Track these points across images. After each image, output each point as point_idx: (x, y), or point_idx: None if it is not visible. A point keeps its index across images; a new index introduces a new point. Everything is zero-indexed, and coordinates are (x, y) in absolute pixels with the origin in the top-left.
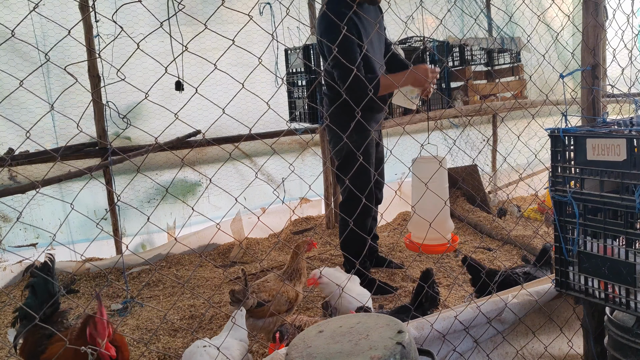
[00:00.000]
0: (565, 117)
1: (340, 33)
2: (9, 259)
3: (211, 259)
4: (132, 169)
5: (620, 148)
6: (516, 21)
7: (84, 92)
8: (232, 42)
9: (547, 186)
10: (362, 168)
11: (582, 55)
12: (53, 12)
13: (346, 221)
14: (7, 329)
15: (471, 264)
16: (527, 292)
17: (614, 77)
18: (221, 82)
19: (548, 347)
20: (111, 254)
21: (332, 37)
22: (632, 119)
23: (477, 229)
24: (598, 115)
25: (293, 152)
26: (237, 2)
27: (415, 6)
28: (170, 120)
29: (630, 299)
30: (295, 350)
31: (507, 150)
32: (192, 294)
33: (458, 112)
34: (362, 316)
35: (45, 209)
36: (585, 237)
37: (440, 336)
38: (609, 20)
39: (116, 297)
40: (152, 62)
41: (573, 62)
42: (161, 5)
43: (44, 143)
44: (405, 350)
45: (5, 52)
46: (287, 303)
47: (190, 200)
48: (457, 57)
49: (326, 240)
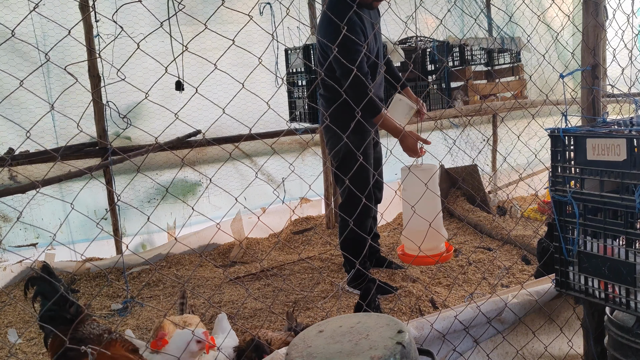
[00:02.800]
0: (565, 117)
1: (344, 33)
2: (9, 259)
3: (211, 259)
4: (132, 169)
5: (620, 148)
6: (516, 21)
7: (84, 92)
8: (232, 42)
9: (547, 186)
10: (361, 169)
11: (582, 55)
12: (53, 12)
13: (346, 222)
14: (7, 329)
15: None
16: (527, 292)
17: (614, 77)
18: (221, 82)
19: (548, 347)
20: (111, 254)
21: (336, 36)
22: (632, 119)
23: (477, 229)
24: (598, 115)
25: (293, 152)
26: (237, 2)
27: (415, 6)
28: (170, 120)
29: (630, 299)
30: (295, 350)
31: (507, 150)
32: (192, 294)
33: (458, 112)
34: (362, 316)
35: (45, 208)
36: (585, 237)
37: (440, 336)
38: (609, 20)
39: (116, 297)
40: (152, 62)
41: (573, 62)
42: (161, 5)
43: (44, 143)
44: (405, 350)
45: (5, 52)
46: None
47: (191, 200)
48: (457, 57)
49: (326, 240)
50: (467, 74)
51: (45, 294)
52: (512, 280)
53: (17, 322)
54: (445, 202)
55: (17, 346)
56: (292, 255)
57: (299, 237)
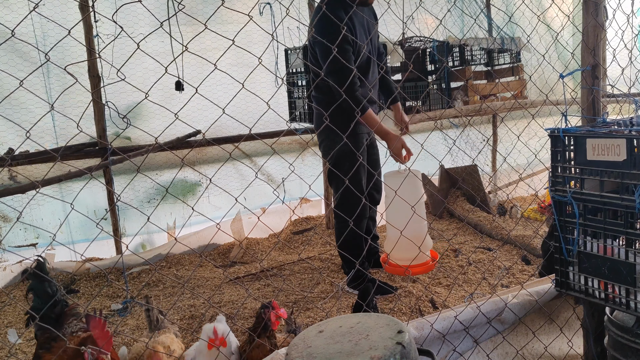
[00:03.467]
0: (565, 117)
1: (335, 35)
2: (9, 259)
3: (211, 259)
4: (132, 169)
5: (620, 148)
6: (516, 21)
7: (84, 92)
8: (232, 42)
9: (547, 186)
10: (353, 171)
11: (582, 55)
12: (53, 12)
13: (340, 224)
14: (7, 329)
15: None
16: (527, 292)
17: (614, 77)
18: (221, 82)
19: (548, 347)
20: (111, 254)
21: (323, 35)
22: (632, 119)
23: (477, 229)
24: (598, 115)
25: (293, 152)
26: (237, 2)
27: (415, 6)
28: (170, 120)
29: (630, 299)
30: (295, 350)
31: (507, 150)
32: (192, 294)
33: (458, 112)
34: (362, 316)
35: (45, 209)
36: (585, 237)
37: (440, 336)
38: (609, 20)
39: (116, 297)
40: (152, 62)
41: (573, 62)
42: (161, 5)
43: (44, 143)
44: (405, 350)
45: (5, 52)
46: None
47: (190, 200)
48: (457, 57)
49: (326, 241)
50: (467, 74)
51: (36, 290)
52: (512, 281)
53: (17, 322)
54: (445, 202)
55: (17, 346)
56: (292, 255)
57: (299, 237)
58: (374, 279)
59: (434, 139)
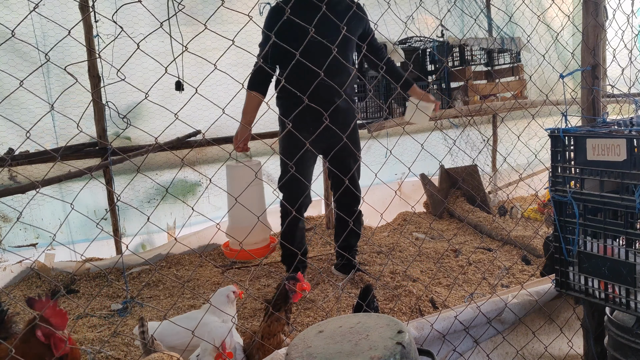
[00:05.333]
0: (565, 117)
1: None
2: (9, 259)
3: (211, 259)
4: (132, 169)
5: (620, 148)
6: (516, 21)
7: (84, 92)
8: (232, 42)
9: (547, 186)
10: (288, 173)
11: (582, 55)
12: (53, 12)
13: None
14: None
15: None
16: (527, 292)
17: (614, 77)
18: (221, 82)
19: (548, 347)
20: (111, 254)
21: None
22: (632, 119)
23: (477, 229)
24: (598, 115)
25: None
26: (237, 2)
27: (415, 6)
28: (170, 120)
29: (630, 299)
30: (295, 350)
31: (507, 151)
32: (192, 294)
33: (458, 112)
34: (362, 316)
35: (45, 209)
36: (585, 237)
37: (440, 336)
38: (609, 20)
39: (116, 297)
40: (152, 62)
41: (573, 62)
42: (161, 5)
43: (44, 143)
44: (405, 350)
45: (5, 52)
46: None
47: (190, 200)
48: (457, 57)
49: (326, 241)
50: (467, 74)
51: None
52: (512, 281)
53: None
54: (445, 202)
55: None
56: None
57: None
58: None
59: (434, 139)
